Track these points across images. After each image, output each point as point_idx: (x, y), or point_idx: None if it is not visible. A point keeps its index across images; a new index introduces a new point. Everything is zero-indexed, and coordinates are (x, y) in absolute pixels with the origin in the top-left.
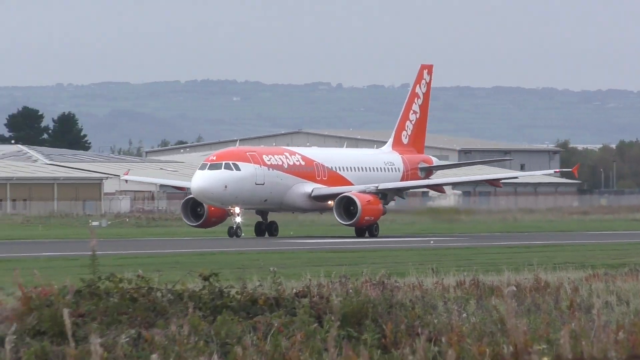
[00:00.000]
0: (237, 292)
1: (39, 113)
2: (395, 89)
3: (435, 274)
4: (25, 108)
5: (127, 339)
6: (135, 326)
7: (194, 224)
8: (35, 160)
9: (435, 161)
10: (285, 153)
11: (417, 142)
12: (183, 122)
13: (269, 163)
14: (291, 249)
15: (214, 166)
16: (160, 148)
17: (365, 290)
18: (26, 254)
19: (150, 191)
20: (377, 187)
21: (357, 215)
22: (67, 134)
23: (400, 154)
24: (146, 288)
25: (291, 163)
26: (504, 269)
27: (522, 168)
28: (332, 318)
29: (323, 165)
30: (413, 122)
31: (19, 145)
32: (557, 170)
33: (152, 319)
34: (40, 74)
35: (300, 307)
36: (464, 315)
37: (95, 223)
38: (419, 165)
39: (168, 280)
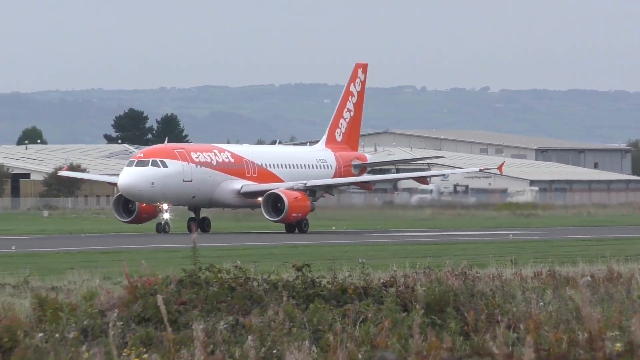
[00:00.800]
0: (328, 282)
1: (144, 115)
2: (475, 92)
3: (514, 265)
4: (131, 110)
5: (225, 325)
6: (233, 313)
7: (126, 220)
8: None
9: (370, 158)
10: (214, 150)
11: (351, 139)
12: (277, 123)
13: (197, 160)
14: (379, 241)
15: (141, 163)
16: None
17: (447, 280)
18: (132, 246)
19: None
20: (305, 184)
21: (285, 211)
22: (170, 134)
23: (333, 152)
24: (243, 278)
25: (220, 160)
26: (578, 260)
27: (596, 166)
28: (417, 306)
29: (253, 162)
30: (347, 120)
31: (125, 145)
32: (483, 168)
33: (249, 307)
34: (145, 79)
35: (387, 296)
36: (541, 304)
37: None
38: (353, 163)
39: (264, 270)
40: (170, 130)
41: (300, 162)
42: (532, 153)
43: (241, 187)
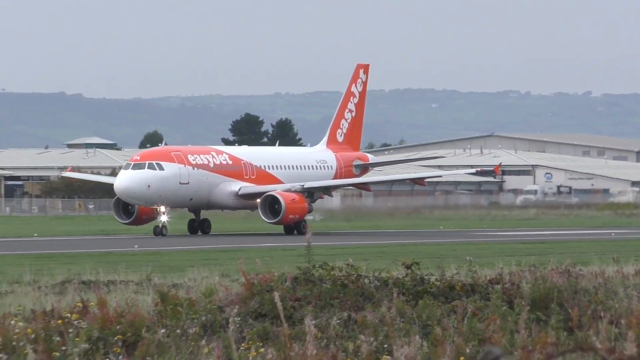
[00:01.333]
0: (436, 279)
1: (260, 119)
2: (578, 96)
3: (616, 263)
4: (247, 115)
5: (338, 321)
6: (345, 309)
7: (125, 222)
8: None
9: (371, 159)
10: (212, 152)
11: (353, 140)
12: (386, 127)
13: (194, 162)
14: (484, 240)
15: (138, 166)
16: (366, 150)
17: (552, 277)
18: (249, 245)
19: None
20: (302, 185)
21: (282, 213)
22: (284, 138)
23: (334, 152)
24: (355, 275)
25: (218, 162)
26: None
27: None
28: (522, 303)
29: (251, 164)
30: (348, 121)
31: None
32: (479, 169)
33: (361, 303)
34: (261, 85)
35: (493, 292)
36: None
37: (309, 217)
38: (354, 163)
39: (374, 268)
40: (285, 134)
41: (300, 163)
42: (633, 155)
43: (239, 189)
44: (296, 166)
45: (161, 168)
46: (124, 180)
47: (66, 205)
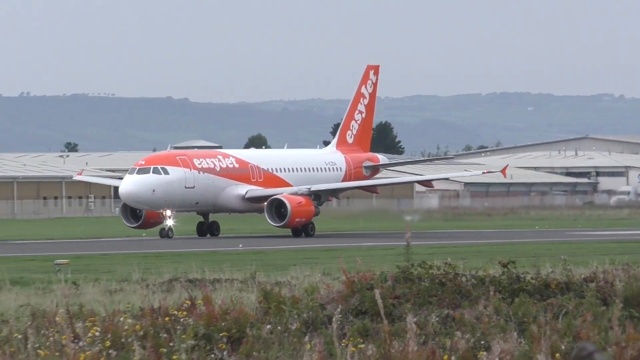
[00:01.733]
0: (531, 278)
1: None
2: None
3: None
4: None
5: (436, 318)
6: (443, 307)
7: (133, 225)
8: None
9: (382, 160)
10: (218, 156)
11: (363, 141)
12: (483, 130)
13: (199, 166)
14: (579, 239)
15: (143, 170)
16: (463, 152)
17: None
18: (349, 244)
19: (455, 190)
20: (309, 188)
21: (288, 217)
22: (384, 140)
23: (343, 154)
24: (453, 274)
25: (224, 166)
26: None
27: None
28: (616, 300)
29: (258, 167)
30: (358, 122)
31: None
32: (486, 171)
33: (458, 301)
34: None
35: (587, 290)
36: None
37: (408, 218)
38: (364, 164)
39: (471, 266)
40: (385, 136)
41: (308, 165)
42: None
43: (246, 192)
44: (304, 168)
45: (166, 172)
46: (129, 185)
47: None
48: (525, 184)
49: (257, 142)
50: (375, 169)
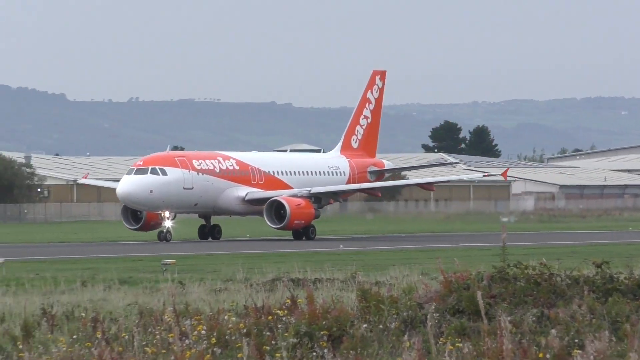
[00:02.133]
0: (625, 278)
1: (457, 126)
2: None
3: None
4: (446, 122)
5: (532, 318)
6: (538, 306)
7: (133, 228)
8: (455, 166)
9: (387, 164)
10: (218, 158)
11: (369, 146)
12: (578, 133)
13: (198, 168)
14: None
15: (140, 171)
16: (559, 155)
17: None
18: (446, 245)
19: (550, 192)
20: (309, 191)
21: (287, 218)
22: (481, 144)
23: (347, 158)
24: (548, 274)
25: (224, 167)
26: None
27: None
28: None
29: (259, 170)
30: (364, 127)
31: (441, 154)
32: (486, 174)
33: (553, 300)
34: (459, 94)
35: None
36: None
37: (504, 219)
38: (369, 169)
39: (566, 267)
40: (482, 140)
41: (311, 168)
42: None
43: (246, 194)
44: (306, 172)
45: (164, 173)
46: (126, 185)
47: None
48: (619, 186)
49: None
50: (380, 174)
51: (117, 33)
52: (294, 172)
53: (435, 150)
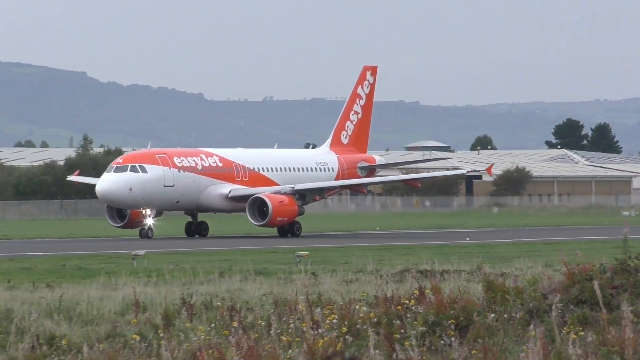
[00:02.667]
0: None
1: (580, 124)
2: None
3: None
4: (569, 120)
5: None
6: None
7: (118, 225)
8: (577, 162)
9: (379, 160)
10: (201, 155)
11: (359, 142)
12: None
13: (180, 165)
14: None
15: (120, 169)
16: None
17: None
18: (569, 238)
19: None
20: (293, 187)
21: (269, 216)
22: (602, 141)
23: (336, 154)
24: None
25: (206, 165)
26: None
27: None
28: None
29: (244, 166)
30: (354, 123)
31: (564, 150)
32: (470, 170)
33: None
34: (581, 92)
35: None
36: None
37: (625, 213)
38: (359, 165)
39: None
40: (603, 137)
41: (297, 165)
42: None
43: (229, 191)
44: (293, 168)
45: (144, 171)
46: (105, 183)
47: (405, 202)
48: None
49: (483, 142)
50: (371, 170)
51: (253, 35)
52: (280, 168)
53: (558, 147)
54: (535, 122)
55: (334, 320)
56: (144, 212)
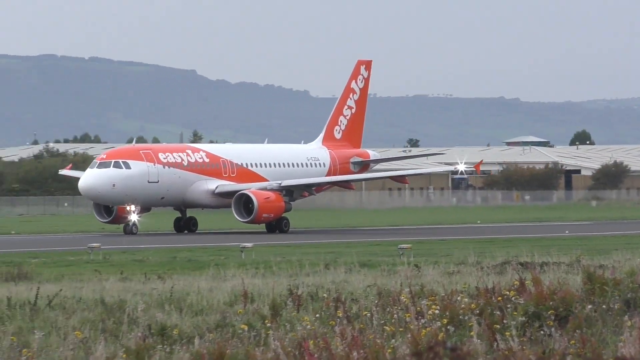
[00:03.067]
0: None
1: None
2: None
3: None
4: None
5: None
6: None
7: (105, 220)
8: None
9: (373, 155)
10: (187, 150)
11: (353, 136)
12: None
13: (164, 161)
14: None
15: (103, 164)
16: None
17: None
18: None
19: None
20: (279, 183)
21: (254, 212)
22: None
23: (328, 149)
24: None
25: (192, 160)
26: None
27: None
28: None
29: (231, 162)
30: (347, 117)
31: None
32: (459, 171)
33: None
34: None
35: None
36: None
37: None
38: (352, 160)
39: None
40: None
41: (287, 160)
42: None
43: (216, 187)
44: (282, 164)
45: (127, 167)
46: (88, 179)
47: (505, 196)
48: None
49: (581, 137)
50: (364, 165)
51: (356, 32)
52: (269, 164)
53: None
54: (634, 117)
55: (436, 311)
56: (128, 208)
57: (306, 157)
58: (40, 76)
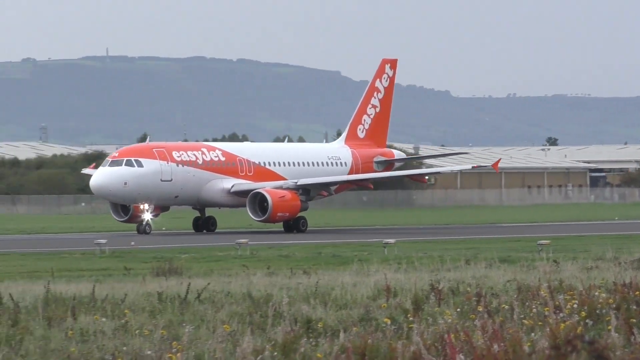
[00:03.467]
0: None
1: None
2: None
3: None
4: None
5: None
6: None
7: (122, 220)
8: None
9: (398, 154)
10: (202, 149)
11: (377, 136)
12: None
13: (178, 159)
14: None
15: (115, 163)
16: None
17: None
18: None
19: None
20: (296, 182)
21: (269, 211)
22: None
23: (351, 149)
24: None
25: (208, 159)
26: None
27: None
28: None
29: (248, 161)
30: (371, 116)
31: None
32: (476, 165)
33: None
34: None
35: None
36: None
37: None
38: (376, 159)
39: None
40: None
41: (307, 159)
42: None
43: (232, 186)
44: (302, 162)
45: (140, 165)
46: (99, 178)
47: None
48: None
49: None
50: (389, 164)
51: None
52: (287, 163)
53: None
54: None
55: (575, 306)
56: (142, 207)
57: (327, 156)
58: (190, 78)
